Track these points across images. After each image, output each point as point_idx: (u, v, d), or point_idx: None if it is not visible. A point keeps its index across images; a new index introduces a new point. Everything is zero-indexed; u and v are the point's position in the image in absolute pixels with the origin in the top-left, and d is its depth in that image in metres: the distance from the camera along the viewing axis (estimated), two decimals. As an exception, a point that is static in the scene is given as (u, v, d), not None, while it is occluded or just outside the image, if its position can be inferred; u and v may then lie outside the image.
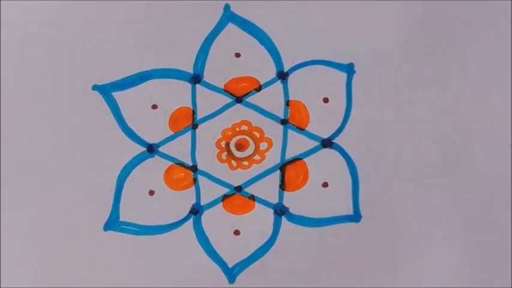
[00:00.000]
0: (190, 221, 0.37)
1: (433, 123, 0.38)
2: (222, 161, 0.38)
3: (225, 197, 0.37)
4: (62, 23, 0.40)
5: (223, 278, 0.36)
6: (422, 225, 0.37)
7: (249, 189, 0.37)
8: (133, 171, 0.38)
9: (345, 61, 0.39)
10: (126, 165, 0.38)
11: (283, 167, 0.38)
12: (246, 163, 0.38)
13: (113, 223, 0.37)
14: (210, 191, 0.38)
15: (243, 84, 0.39)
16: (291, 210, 0.37)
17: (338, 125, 0.38)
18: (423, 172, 0.37)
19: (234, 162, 0.38)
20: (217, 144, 0.38)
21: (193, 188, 0.38)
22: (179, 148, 0.38)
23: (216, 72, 0.39)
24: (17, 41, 0.40)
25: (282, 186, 0.37)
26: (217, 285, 0.36)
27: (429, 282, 0.36)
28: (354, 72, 0.39)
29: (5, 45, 0.40)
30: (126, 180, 0.38)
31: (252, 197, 0.37)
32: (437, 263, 0.36)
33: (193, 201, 0.37)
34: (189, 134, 0.39)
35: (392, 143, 0.38)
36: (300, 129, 0.38)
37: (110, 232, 0.37)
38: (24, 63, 0.40)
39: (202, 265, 0.36)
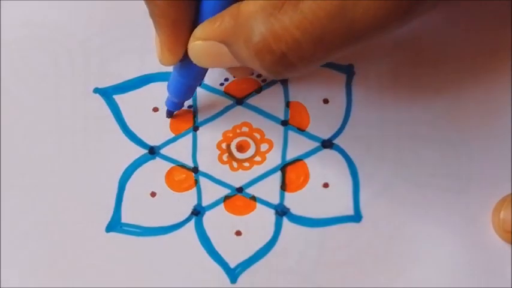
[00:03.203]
0: (192, 222, 0.37)
1: (433, 124, 0.38)
2: (223, 162, 0.38)
3: (226, 198, 0.38)
4: (63, 25, 0.41)
5: (225, 278, 0.36)
6: (423, 226, 0.37)
7: (250, 190, 0.38)
8: (135, 173, 0.38)
9: (344, 62, 0.39)
10: (127, 167, 0.38)
11: (284, 168, 0.38)
12: (247, 164, 0.38)
13: (115, 224, 0.37)
14: (211, 192, 0.38)
15: (244, 86, 0.40)
16: (292, 211, 0.37)
17: (338, 126, 0.38)
18: (423, 172, 0.37)
19: (235, 164, 0.38)
20: (218, 145, 0.38)
21: (194, 190, 0.38)
22: (180, 150, 0.38)
23: (216, 74, 0.40)
24: (17, 43, 0.41)
25: (283, 187, 0.38)
26: (219, 286, 0.36)
27: (429, 282, 0.36)
28: (354, 73, 0.39)
29: (5, 47, 0.40)
30: (128, 182, 0.38)
31: (253, 198, 0.37)
32: (437, 263, 0.36)
33: (195, 202, 0.37)
34: (190, 136, 0.39)
35: (392, 143, 0.38)
36: (301, 130, 0.38)
37: (112, 233, 0.37)
38: (25, 65, 0.40)
39: (204, 265, 0.36)
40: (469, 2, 0.39)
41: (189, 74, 0.35)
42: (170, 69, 0.39)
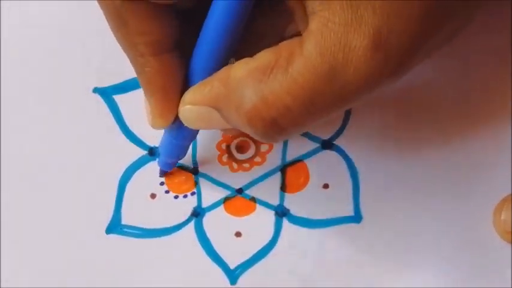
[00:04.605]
0: (191, 224, 0.37)
1: (432, 124, 0.38)
2: (223, 163, 0.38)
3: (226, 199, 0.38)
4: (63, 25, 0.41)
5: (225, 280, 0.36)
6: (423, 226, 0.37)
7: (250, 191, 0.38)
8: (135, 174, 0.38)
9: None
10: (127, 168, 0.38)
11: (284, 168, 0.38)
12: (246, 165, 0.38)
13: (115, 226, 0.37)
14: (211, 194, 0.38)
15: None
16: (292, 212, 0.37)
17: (338, 127, 0.38)
18: (423, 173, 0.37)
19: (235, 165, 0.38)
20: (218, 146, 0.38)
21: (194, 191, 0.38)
22: (180, 151, 0.38)
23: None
24: (17, 43, 0.40)
25: (283, 188, 0.38)
26: (219, 287, 0.36)
27: (429, 282, 0.36)
28: (354, 73, 0.39)
29: (5, 47, 0.40)
30: (128, 184, 0.38)
31: (253, 199, 0.37)
32: (437, 263, 0.36)
33: (195, 204, 0.38)
34: (189, 136, 0.39)
35: (392, 143, 0.38)
36: (300, 131, 0.38)
37: (112, 235, 0.37)
38: (25, 65, 0.40)
39: (204, 267, 0.36)
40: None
41: (181, 135, 0.34)
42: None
